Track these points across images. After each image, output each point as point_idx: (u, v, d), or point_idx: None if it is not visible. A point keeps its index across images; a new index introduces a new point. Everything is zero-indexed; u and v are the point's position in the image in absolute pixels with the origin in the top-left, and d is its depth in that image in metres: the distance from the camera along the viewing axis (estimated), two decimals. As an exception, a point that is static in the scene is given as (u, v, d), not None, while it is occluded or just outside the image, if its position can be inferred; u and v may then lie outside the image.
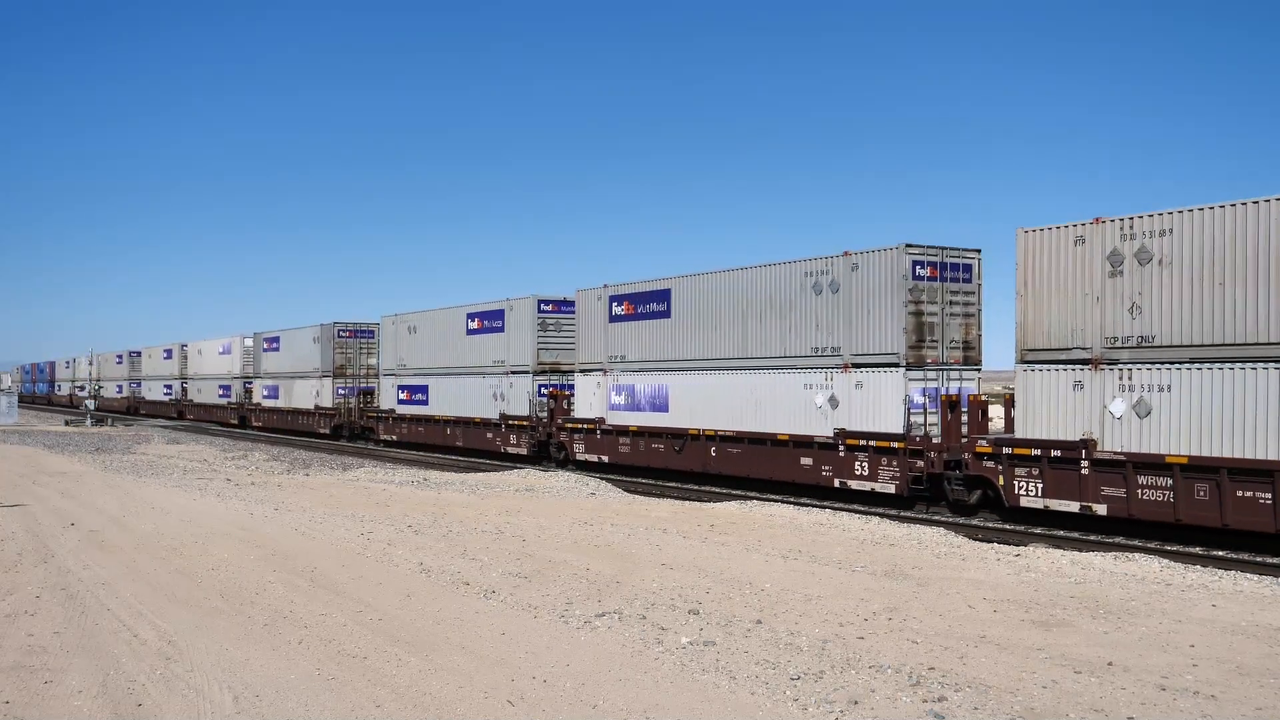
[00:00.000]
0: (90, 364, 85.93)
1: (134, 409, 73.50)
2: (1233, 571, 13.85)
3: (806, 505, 21.08)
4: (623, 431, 27.77)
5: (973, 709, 7.65)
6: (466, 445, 35.85)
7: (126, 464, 30.78)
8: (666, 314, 26.50)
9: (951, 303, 20.91)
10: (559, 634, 9.77)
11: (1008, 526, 18.37)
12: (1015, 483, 18.09)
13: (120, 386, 79.08)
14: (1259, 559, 15.04)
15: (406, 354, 39.91)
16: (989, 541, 16.74)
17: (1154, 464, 16.09)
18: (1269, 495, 14.73)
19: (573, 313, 31.52)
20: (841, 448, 21.27)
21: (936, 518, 19.37)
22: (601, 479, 26.61)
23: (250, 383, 55.13)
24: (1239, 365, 15.23)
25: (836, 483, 21.45)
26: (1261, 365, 14.96)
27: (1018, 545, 16.20)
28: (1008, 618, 10.60)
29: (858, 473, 21.04)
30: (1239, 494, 15.05)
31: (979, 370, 21.42)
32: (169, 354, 68.11)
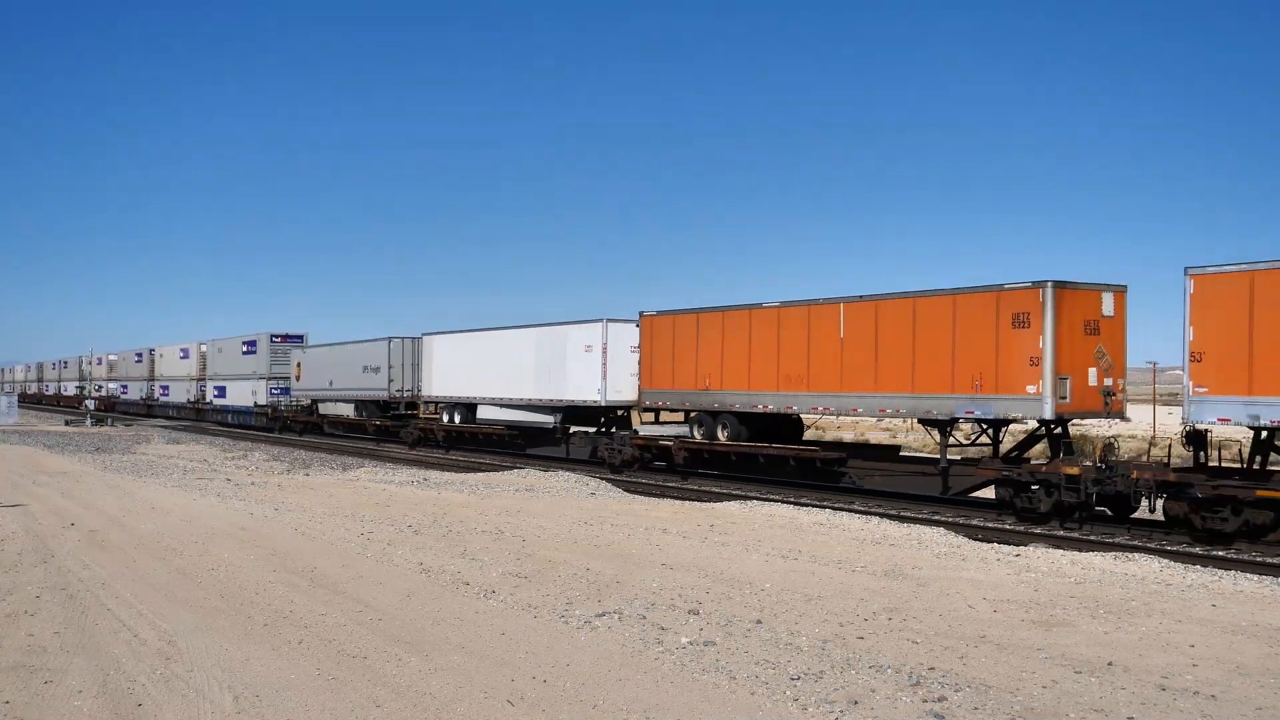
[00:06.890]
0: (86, 364, 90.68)
1: (112, 406, 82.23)
2: (1233, 571, 13.86)
3: (807, 505, 21.12)
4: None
5: (973, 709, 7.66)
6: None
7: (126, 464, 30.79)
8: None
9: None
10: (559, 634, 9.77)
11: (1008, 526, 18.45)
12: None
13: (102, 386, 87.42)
14: (1259, 559, 15.08)
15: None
16: (989, 541, 16.77)
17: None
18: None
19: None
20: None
21: (936, 516, 19.61)
22: (601, 479, 26.65)
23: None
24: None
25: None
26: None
27: (1017, 545, 16.22)
28: (1008, 618, 10.62)
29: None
30: None
31: None
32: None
